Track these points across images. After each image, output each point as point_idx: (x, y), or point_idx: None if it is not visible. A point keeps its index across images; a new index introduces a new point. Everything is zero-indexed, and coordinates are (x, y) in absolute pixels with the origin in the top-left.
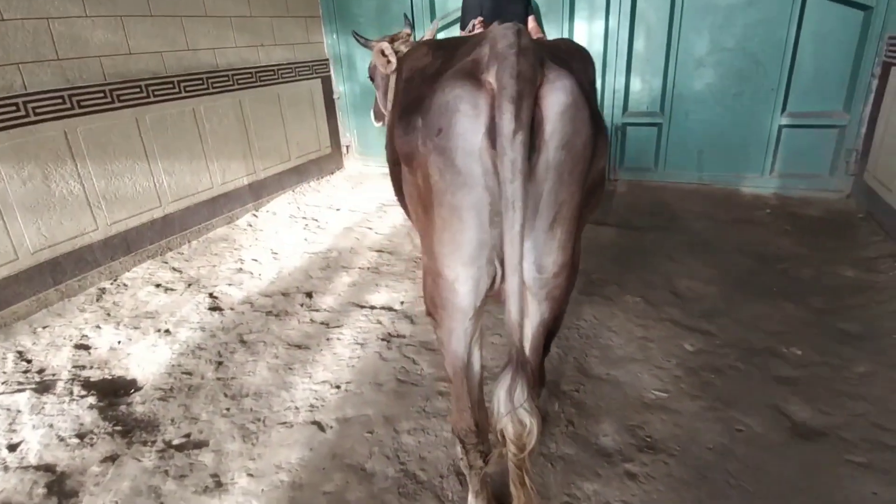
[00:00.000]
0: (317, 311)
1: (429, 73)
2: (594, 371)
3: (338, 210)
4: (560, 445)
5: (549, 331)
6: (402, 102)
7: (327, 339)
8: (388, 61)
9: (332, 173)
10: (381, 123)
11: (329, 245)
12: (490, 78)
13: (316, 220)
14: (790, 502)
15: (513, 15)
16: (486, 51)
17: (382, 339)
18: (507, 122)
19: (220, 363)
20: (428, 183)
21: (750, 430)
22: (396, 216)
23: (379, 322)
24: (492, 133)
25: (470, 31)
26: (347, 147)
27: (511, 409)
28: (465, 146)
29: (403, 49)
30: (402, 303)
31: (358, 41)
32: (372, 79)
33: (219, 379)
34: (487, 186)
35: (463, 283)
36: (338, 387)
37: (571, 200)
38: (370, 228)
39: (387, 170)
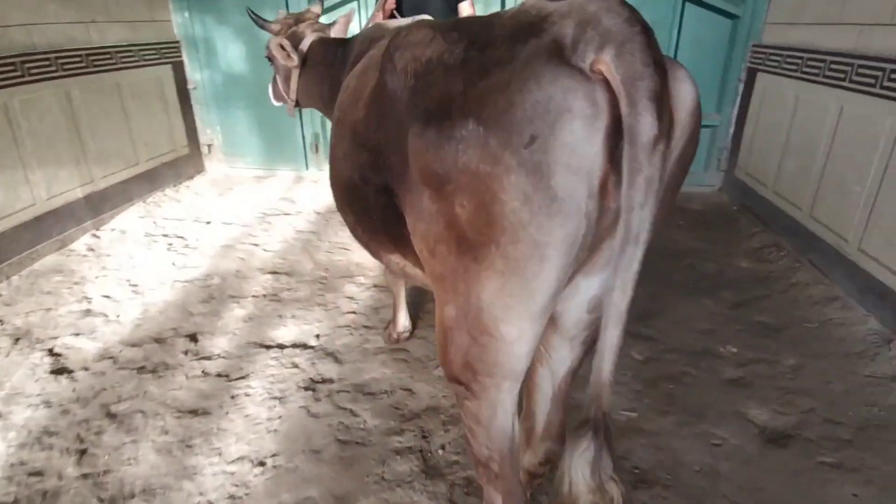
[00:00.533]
0: (208, 358)
1: (454, 62)
2: None
3: (208, 223)
4: (552, 496)
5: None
6: (420, 103)
7: (232, 398)
8: (289, 56)
9: (192, 178)
10: (281, 104)
11: (206, 269)
12: (602, 66)
13: (182, 238)
14: None
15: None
16: (568, 29)
17: (305, 388)
18: (647, 126)
19: (82, 452)
20: (487, 213)
21: (726, 443)
22: (285, 228)
23: (295, 365)
24: (610, 141)
25: (379, 9)
26: (209, 146)
27: (598, 483)
28: (571, 161)
29: (309, 34)
30: (317, 336)
31: (255, 21)
32: (270, 59)
33: (85, 476)
34: (588, 214)
35: (525, 343)
36: (262, 463)
37: (659, 223)
38: (256, 245)
39: (262, 172)
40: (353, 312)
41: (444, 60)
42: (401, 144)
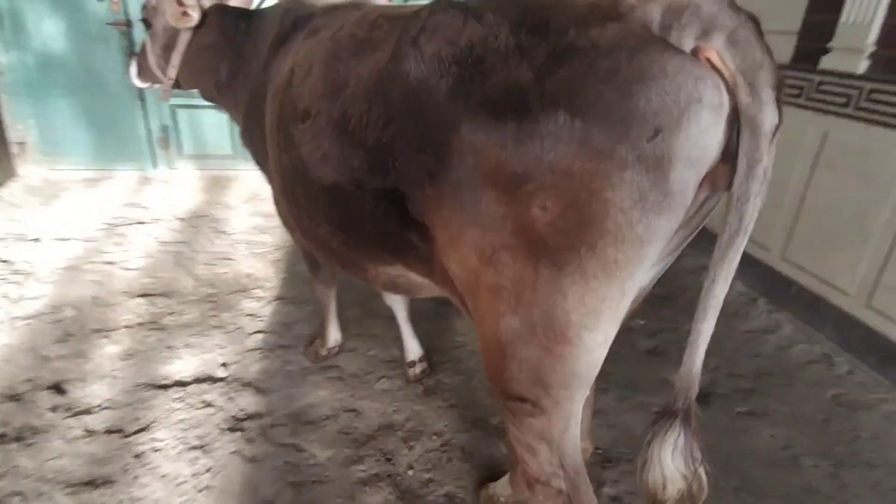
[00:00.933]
0: (87, 412)
1: (506, 48)
2: None
3: (36, 241)
4: None
5: None
6: (476, 95)
7: (137, 457)
8: (185, 14)
9: (2, 185)
10: (148, 86)
11: (52, 299)
12: (710, 54)
13: (6, 262)
14: (735, 468)
15: None
16: (655, 15)
17: (230, 429)
18: (770, 115)
19: None
20: (581, 214)
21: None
22: (144, 239)
23: (207, 404)
24: (728, 131)
25: None
26: (21, 145)
27: (691, 470)
28: (692, 153)
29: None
30: (224, 365)
31: None
32: (147, 22)
33: None
34: (687, 206)
35: (606, 347)
36: None
37: None
38: (110, 263)
39: (94, 173)
40: (261, 332)
41: (491, 45)
42: (434, 141)
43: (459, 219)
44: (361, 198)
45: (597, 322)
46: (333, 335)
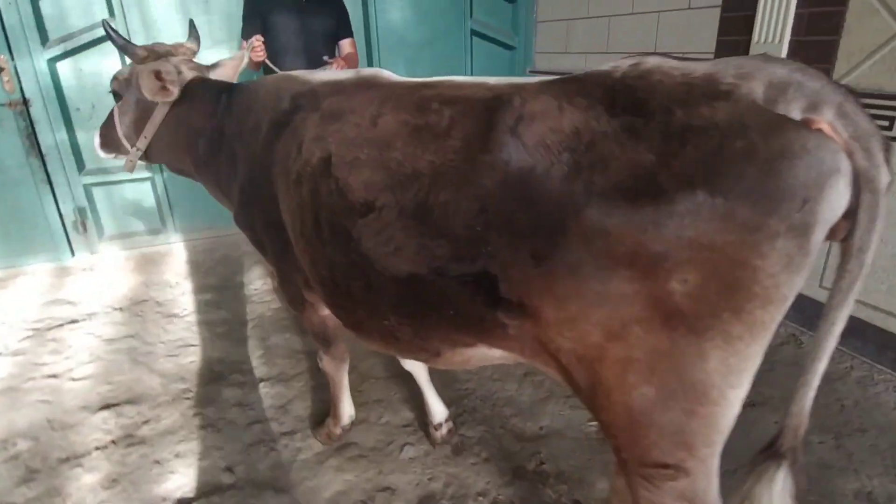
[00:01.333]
0: None
1: (612, 131)
2: (528, 431)
3: None
4: None
5: None
6: (600, 181)
7: None
8: (164, 89)
9: None
10: (113, 156)
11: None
12: (822, 125)
13: None
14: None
15: (316, 35)
16: (759, 91)
17: None
18: (885, 175)
19: None
20: (726, 283)
21: None
22: (84, 341)
23: None
24: (852, 192)
25: (247, 48)
26: None
27: None
28: (828, 216)
29: (186, 71)
30: (229, 469)
31: (113, 41)
32: (117, 94)
33: None
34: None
35: (742, 401)
36: None
37: None
38: (55, 375)
39: None
40: (257, 422)
41: (596, 129)
42: (546, 226)
43: (580, 298)
44: (443, 285)
45: (741, 380)
46: (347, 411)
